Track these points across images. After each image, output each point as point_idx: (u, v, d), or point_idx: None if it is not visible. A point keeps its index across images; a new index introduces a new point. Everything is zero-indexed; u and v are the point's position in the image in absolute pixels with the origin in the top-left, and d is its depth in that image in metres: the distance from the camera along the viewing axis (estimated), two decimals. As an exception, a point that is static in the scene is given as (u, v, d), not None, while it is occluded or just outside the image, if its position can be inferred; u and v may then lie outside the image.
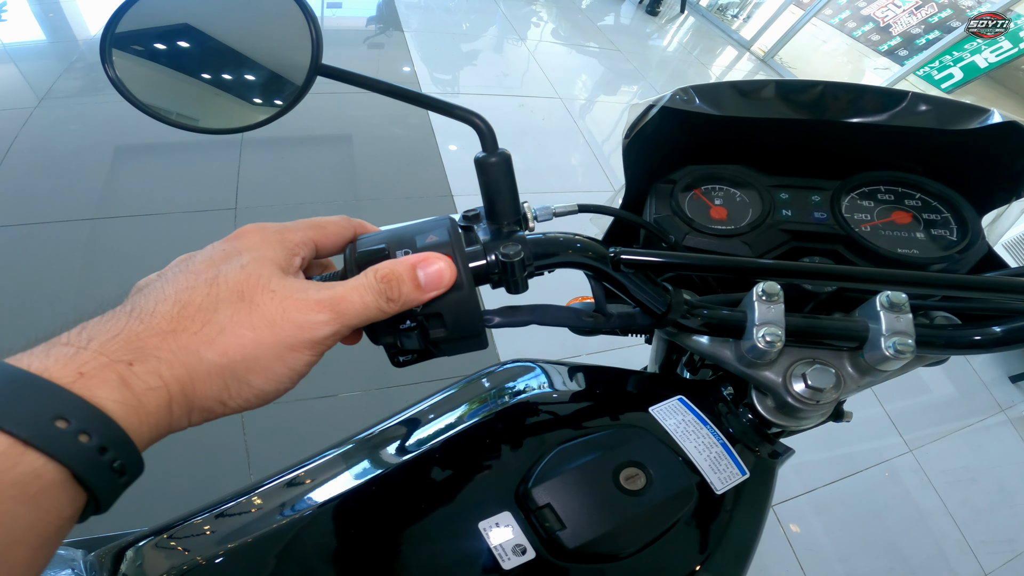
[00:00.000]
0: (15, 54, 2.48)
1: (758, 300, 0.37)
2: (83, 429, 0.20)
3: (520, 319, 0.36)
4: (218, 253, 0.27)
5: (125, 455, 0.22)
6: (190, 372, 0.24)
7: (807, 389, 0.39)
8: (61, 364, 0.21)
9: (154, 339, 0.23)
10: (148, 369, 0.23)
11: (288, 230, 0.29)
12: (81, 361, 0.22)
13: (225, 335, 0.24)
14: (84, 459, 0.20)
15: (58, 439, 0.20)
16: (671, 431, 0.40)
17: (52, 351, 0.22)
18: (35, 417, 0.20)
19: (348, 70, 0.32)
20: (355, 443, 0.43)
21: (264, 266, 0.27)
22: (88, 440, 0.20)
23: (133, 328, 0.23)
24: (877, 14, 4.14)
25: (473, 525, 0.35)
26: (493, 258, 0.32)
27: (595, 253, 0.35)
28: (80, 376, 0.21)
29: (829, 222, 0.48)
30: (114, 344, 0.23)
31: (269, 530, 0.36)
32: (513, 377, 0.48)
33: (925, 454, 1.70)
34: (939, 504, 1.60)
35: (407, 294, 0.28)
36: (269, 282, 0.26)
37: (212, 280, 0.26)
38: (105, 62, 0.32)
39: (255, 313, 0.25)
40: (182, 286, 0.25)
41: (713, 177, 0.52)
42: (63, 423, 0.20)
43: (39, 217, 1.72)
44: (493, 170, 0.34)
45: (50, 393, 0.20)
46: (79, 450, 0.20)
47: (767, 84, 0.48)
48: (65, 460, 0.20)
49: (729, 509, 0.39)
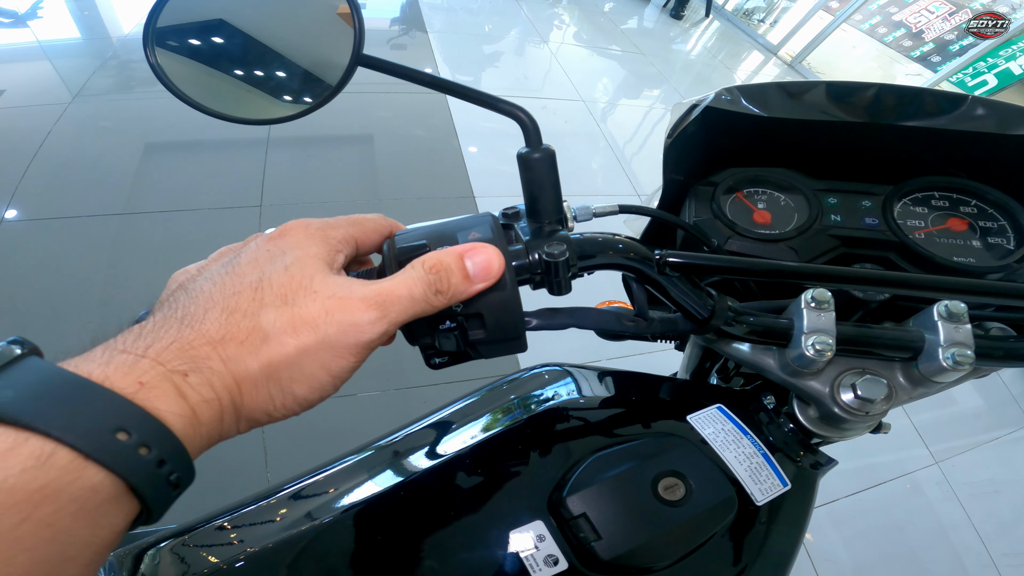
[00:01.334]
0: (50, 51, 2.55)
1: (807, 307, 0.36)
2: (144, 442, 0.20)
3: (559, 322, 0.35)
4: (263, 254, 0.26)
5: (181, 467, 0.21)
6: (238, 383, 0.24)
7: (856, 400, 0.37)
8: (121, 374, 0.21)
9: (205, 348, 0.23)
10: (202, 380, 0.22)
11: (331, 227, 0.29)
12: (140, 371, 0.21)
13: (269, 343, 0.24)
14: (144, 473, 0.20)
15: (120, 453, 0.19)
16: (710, 440, 0.39)
17: (113, 359, 0.21)
18: (98, 430, 0.19)
19: (390, 61, 0.31)
20: (380, 447, 0.42)
21: (307, 265, 0.26)
22: (148, 453, 0.20)
23: (185, 336, 0.23)
24: (909, 20, 4.06)
25: (504, 534, 0.34)
26: (536, 257, 0.30)
27: (639, 255, 0.34)
28: (140, 387, 0.21)
29: (881, 228, 0.47)
30: (169, 353, 0.22)
31: (292, 535, 0.35)
32: (542, 382, 0.46)
33: (951, 466, 1.67)
34: (963, 516, 1.57)
35: (456, 285, 0.27)
36: (312, 282, 0.25)
37: (257, 284, 0.25)
38: (147, 47, 0.32)
39: (297, 316, 0.24)
40: (229, 290, 0.25)
41: (757, 180, 0.50)
42: (124, 435, 0.19)
43: (70, 211, 1.76)
44: (537, 166, 0.33)
45: (113, 404, 0.20)
46: (139, 464, 0.20)
47: (817, 85, 0.46)
48: (126, 474, 0.19)
49: (769, 521, 0.37)
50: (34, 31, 2.68)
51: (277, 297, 0.25)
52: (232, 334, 0.24)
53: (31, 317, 1.47)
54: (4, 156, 1.89)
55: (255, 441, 1.32)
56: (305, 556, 0.34)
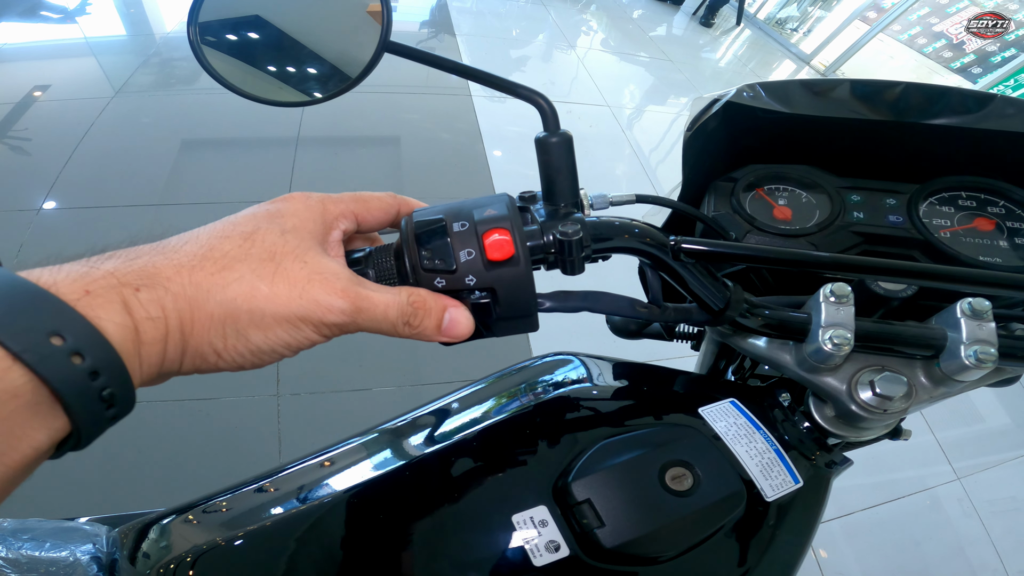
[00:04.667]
0: (96, 47, 2.66)
1: (825, 301, 0.35)
2: (77, 349, 0.19)
3: (572, 304, 0.35)
4: (262, 211, 0.27)
5: (117, 384, 0.20)
6: (192, 309, 0.23)
7: (875, 397, 0.36)
8: (70, 280, 0.20)
9: (169, 270, 0.23)
10: (152, 297, 0.22)
11: (330, 201, 0.29)
12: (90, 279, 0.21)
13: (241, 283, 0.24)
14: (73, 382, 0.19)
15: (50, 357, 0.18)
16: (721, 434, 0.38)
17: (66, 267, 0.21)
18: (30, 330, 0.18)
19: (415, 47, 0.32)
20: (386, 430, 0.42)
21: (303, 237, 0.26)
22: (81, 362, 0.19)
23: (155, 260, 0.23)
24: (950, 31, 3.95)
25: (506, 517, 0.34)
26: (550, 238, 0.31)
27: (654, 240, 0.33)
28: (85, 294, 0.20)
29: (906, 226, 0.46)
30: (127, 268, 0.22)
31: (293, 514, 0.35)
32: (553, 370, 0.46)
33: (973, 483, 1.62)
34: (982, 532, 1.52)
35: (426, 328, 0.29)
36: (305, 253, 0.26)
37: (249, 235, 0.25)
38: (190, 27, 0.34)
39: (279, 275, 0.25)
40: (218, 233, 0.25)
41: (778, 177, 0.50)
42: (58, 340, 0.19)
43: (108, 201, 1.83)
44: (554, 150, 0.33)
45: (50, 307, 0.19)
46: (69, 371, 0.19)
47: (842, 83, 0.46)
48: (51, 379, 0.18)
49: (779, 518, 0.37)
50: (82, 27, 2.80)
51: (265, 252, 0.25)
52: (203, 265, 0.24)
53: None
54: (48, 148, 1.98)
55: (271, 430, 1.34)
56: (307, 534, 0.34)
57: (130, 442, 1.25)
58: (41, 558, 0.34)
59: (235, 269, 0.24)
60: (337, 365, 1.47)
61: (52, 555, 0.34)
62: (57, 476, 1.19)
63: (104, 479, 1.20)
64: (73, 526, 0.39)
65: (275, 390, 1.40)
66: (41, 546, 0.34)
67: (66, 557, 0.34)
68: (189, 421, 1.32)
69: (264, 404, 1.38)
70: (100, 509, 0.19)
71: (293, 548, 0.34)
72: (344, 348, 1.49)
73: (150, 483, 1.20)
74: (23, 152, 1.99)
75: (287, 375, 1.43)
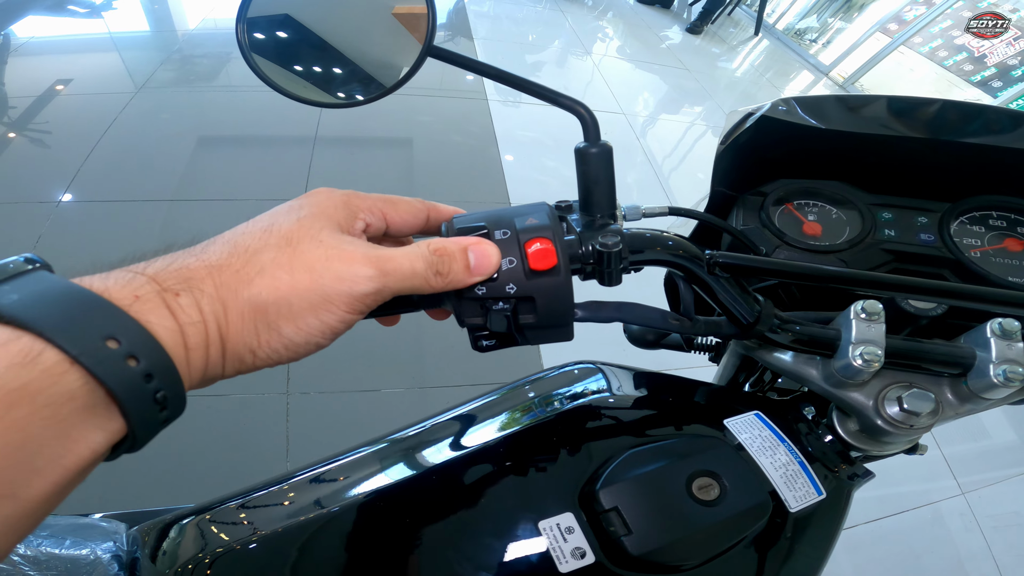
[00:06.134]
0: (120, 43, 2.70)
1: (856, 318, 0.36)
2: (132, 352, 0.20)
3: (606, 315, 0.35)
4: (283, 207, 0.28)
5: (169, 386, 0.21)
6: (226, 309, 0.23)
7: (902, 413, 0.37)
8: (120, 287, 0.21)
9: (201, 271, 0.24)
10: (191, 301, 0.23)
11: (356, 195, 0.29)
12: (137, 285, 0.22)
13: (263, 275, 0.24)
14: (129, 383, 0.19)
15: (106, 360, 0.19)
16: (746, 445, 0.39)
17: (113, 274, 0.22)
18: (86, 334, 0.19)
19: (458, 53, 0.33)
20: (407, 437, 0.42)
21: (319, 219, 0.26)
22: (135, 364, 0.20)
23: (187, 262, 0.24)
24: (972, 43, 3.91)
25: (532, 524, 0.34)
26: (589, 248, 0.31)
27: (690, 253, 0.34)
28: (136, 299, 0.21)
29: (937, 244, 0.46)
30: (167, 274, 0.23)
31: (315, 518, 0.35)
32: (574, 379, 0.47)
33: (977, 498, 1.62)
34: (984, 547, 1.52)
35: (456, 272, 0.28)
36: (320, 232, 0.26)
37: (267, 227, 0.26)
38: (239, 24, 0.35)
39: (296, 258, 0.25)
40: (241, 230, 0.26)
41: (809, 192, 0.50)
42: (114, 343, 0.19)
43: (127, 196, 1.85)
44: (594, 160, 0.33)
45: (105, 312, 0.20)
46: (125, 373, 0.19)
47: (878, 99, 0.46)
48: (108, 380, 0.19)
49: (801, 528, 0.37)
50: (107, 22, 2.85)
51: (282, 238, 0.25)
52: (230, 263, 0.24)
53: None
54: (69, 141, 2.01)
55: (279, 430, 1.35)
56: (328, 540, 0.34)
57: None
58: (61, 555, 0.34)
59: (256, 262, 0.24)
60: (347, 365, 1.47)
61: (72, 552, 0.34)
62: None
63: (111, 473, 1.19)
64: (90, 523, 0.39)
65: (285, 388, 1.41)
66: (61, 543, 0.34)
67: (86, 555, 0.34)
68: (198, 417, 1.33)
69: (274, 402, 1.38)
70: (108, 503, 0.19)
71: (314, 554, 0.34)
72: (354, 349, 1.50)
73: (157, 479, 1.21)
74: (43, 144, 2.02)
75: (297, 374, 1.43)
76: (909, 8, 4.09)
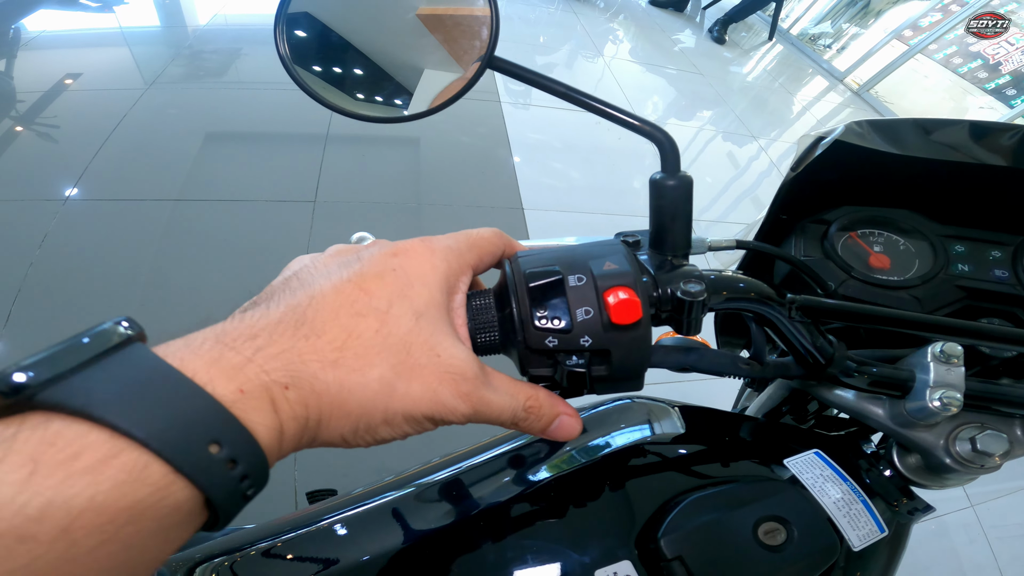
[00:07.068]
0: (131, 38, 2.68)
1: (935, 360, 0.34)
2: (233, 457, 0.19)
3: (675, 360, 0.33)
4: (390, 274, 0.25)
5: (258, 482, 0.20)
6: (332, 408, 0.22)
7: (973, 453, 0.36)
8: (226, 378, 0.20)
9: (314, 364, 0.22)
10: (299, 397, 0.21)
11: (453, 257, 0.27)
12: (244, 377, 0.20)
13: (380, 382, 0.23)
14: (225, 487, 0.19)
15: (209, 468, 0.18)
16: (808, 485, 0.38)
17: (221, 359, 0.20)
18: (193, 442, 0.18)
19: (524, 66, 0.30)
20: (441, 478, 0.40)
21: (436, 323, 0.25)
22: (233, 468, 0.19)
23: (299, 347, 0.22)
24: (987, 51, 3.89)
25: (588, 572, 0.32)
26: (668, 293, 0.28)
27: (767, 296, 0.31)
28: (240, 395, 0.20)
29: (1011, 281, 0.44)
30: (276, 362, 0.21)
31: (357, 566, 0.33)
32: (618, 417, 0.44)
33: (986, 510, 1.62)
34: (990, 558, 1.52)
35: (531, 428, 0.28)
36: (437, 344, 0.25)
37: (384, 314, 0.24)
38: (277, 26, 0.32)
39: (414, 372, 0.24)
40: (352, 309, 0.24)
41: (875, 221, 0.47)
42: (216, 448, 0.18)
43: (136, 195, 1.83)
44: (671, 194, 0.30)
45: (210, 413, 0.19)
46: (225, 479, 0.19)
47: (958, 124, 0.44)
48: (210, 490, 0.18)
49: (863, 567, 0.36)
50: (118, 17, 2.83)
51: (400, 342, 0.24)
52: (346, 360, 0.22)
53: (79, 294, 1.52)
54: (77, 138, 1.99)
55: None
56: None
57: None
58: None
59: (374, 365, 0.23)
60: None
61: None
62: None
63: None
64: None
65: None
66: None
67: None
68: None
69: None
70: None
71: None
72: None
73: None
74: (50, 140, 2.00)
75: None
76: (926, 15, 4.06)
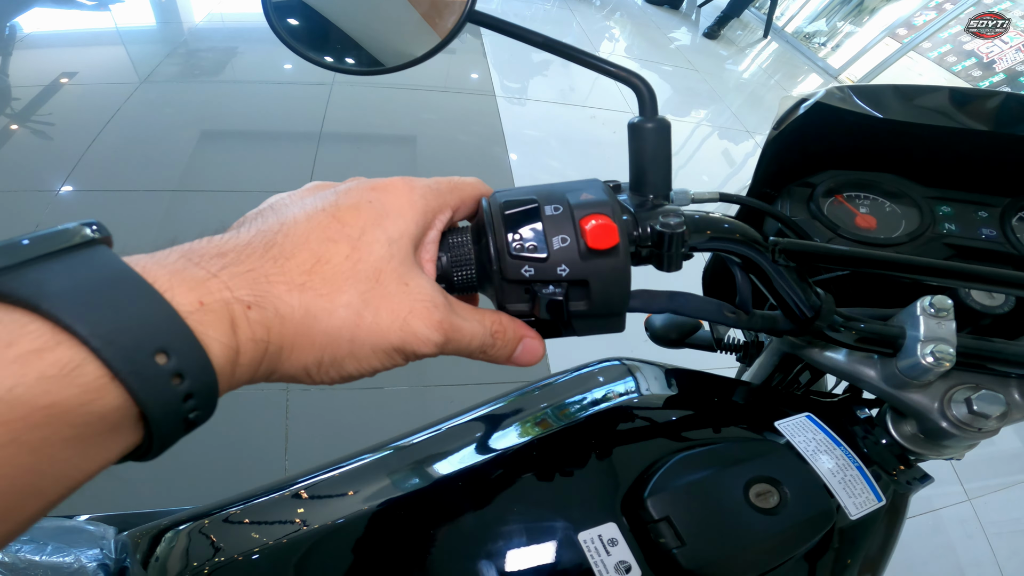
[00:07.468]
0: (126, 36, 2.68)
1: (924, 314, 0.33)
2: (179, 371, 0.17)
3: (659, 305, 0.32)
4: (366, 205, 0.24)
5: (204, 406, 0.19)
6: (296, 335, 0.21)
7: (970, 415, 0.35)
8: (187, 288, 0.18)
9: (281, 286, 0.21)
10: (262, 318, 0.20)
11: (432, 195, 0.26)
12: (205, 289, 0.19)
13: (348, 309, 0.22)
14: (166, 404, 0.17)
15: (152, 379, 0.16)
16: (800, 449, 0.37)
17: (184, 270, 0.19)
18: (139, 347, 0.16)
19: (502, 19, 0.30)
20: (423, 440, 0.39)
21: (407, 252, 0.25)
22: (179, 383, 0.17)
23: (264, 267, 0.21)
24: (981, 49, 3.90)
25: (570, 535, 0.31)
26: (647, 229, 0.28)
27: (751, 238, 0.31)
28: (199, 307, 0.18)
29: (999, 239, 0.44)
30: (241, 280, 0.20)
31: (328, 528, 0.32)
32: (604, 378, 0.44)
33: (983, 504, 1.62)
34: (988, 553, 1.51)
35: (497, 357, 0.28)
36: (407, 272, 0.24)
37: (356, 241, 0.23)
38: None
39: (384, 301, 0.23)
40: (323, 235, 0.23)
41: (860, 184, 0.47)
42: (163, 358, 0.17)
43: (127, 185, 1.82)
44: (650, 136, 0.31)
45: (163, 318, 0.17)
46: (166, 394, 0.17)
47: (938, 90, 0.44)
48: (148, 403, 0.16)
49: (862, 536, 0.35)
50: (114, 16, 2.83)
51: (371, 269, 0.23)
52: (314, 284, 0.22)
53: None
54: (71, 133, 1.99)
55: (278, 426, 1.31)
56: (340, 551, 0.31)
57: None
58: (42, 563, 0.31)
59: (343, 291, 0.22)
60: (350, 362, 1.44)
61: (54, 559, 0.31)
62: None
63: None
64: (76, 525, 0.35)
65: (285, 385, 1.37)
66: (42, 549, 0.31)
67: (70, 563, 0.31)
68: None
69: (273, 399, 1.35)
70: (94, 500, 0.17)
71: (324, 568, 0.31)
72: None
73: (147, 476, 1.17)
74: (45, 136, 2.00)
75: (299, 370, 1.40)
76: (919, 13, 4.07)
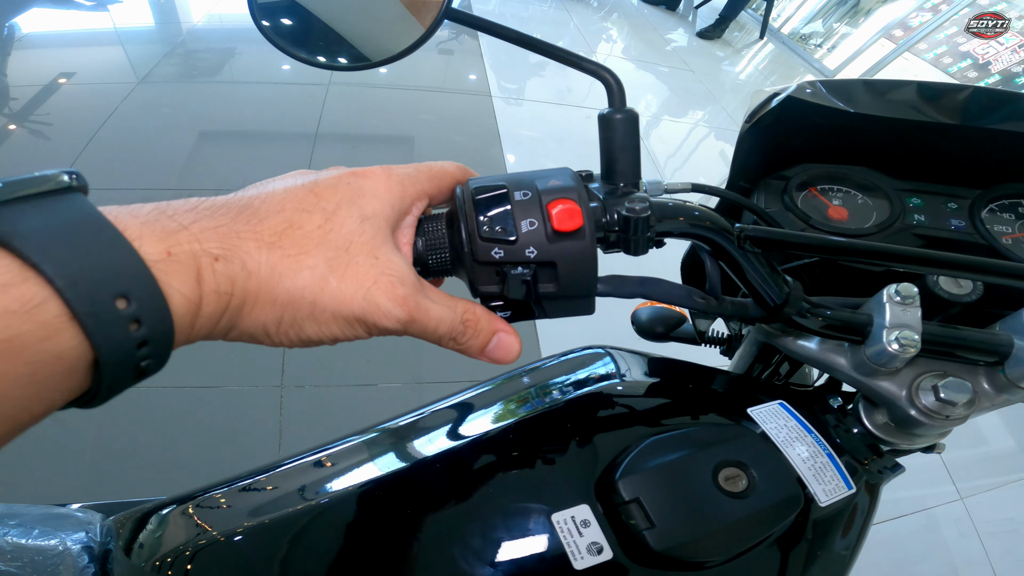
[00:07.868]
0: (124, 36, 2.69)
1: (890, 302, 0.34)
2: (137, 317, 0.17)
3: (628, 290, 0.33)
4: (344, 185, 0.25)
5: (158, 355, 0.19)
6: (259, 291, 0.22)
7: (937, 403, 0.35)
8: (156, 238, 0.19)
9: (251, 243, 0.22)
10: (228, 271, 0.21)
11: (409, 181, 0.27)
12: (175, 241, 0.20)
13: (313, 272, 0.23)
14: (120, 350, 0.17)
15: (109, 324, 0.17)
16: (772, 435, 0.37)
17: (156, 221, 0.20)
18: (100, 291, 0.17)
19: (477, 15, 0.32)
20: (405, 425, 0.40)
21: (380, 228, 0.25)
22: (135, 330, 0.17)
23: (235, 225, 0.22)
24: (977, 50, 3.91)
25: (544, 517, 0.32)
26: (614, 215, 0.29)
27: (719, 225, 0.31)
28: (167, 256, 0.19)
29: (968, 230, 0.45)
30: (212, 234, 0.21)
31: (303, 509, 0.33)
32: (584, 364, 0.44)
33: (975, 503, 1.62)
34: (981, 552, 1.51)
35: (470, 347, 0.28)
36: (378, 247, 0.25)
37: (330, 214, 0.24)
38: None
39: (349, 269, 0.24)
40: (298, 205, 0.24)
41: (832, 177, 0.48)
42: (123, 303, 0.17)
43: (123, 184, 1.83)
44: (618, 127, 0.32)
45: (128, 265, 0.18)
46: (122, 339, 0.17)
47: (907, 84, 0.45)
48: (103, 348, 0.17)
49: (831, 524, 0.36)
50: (112, 16, 2.84)
51: (342, 240, 0.24)
52: (283, 244, 0.22)
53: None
54: (68, 132, 1.99)
55: (271, 422, 1.32)
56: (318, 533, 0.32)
57: (125, 427, 1.23)
58: (28, 546, 0.31)
59: (311, 255, 0.23)
60: (343, 359, 1.45)
61: (40, 543, 0.32)
62: (46, 459, 1.17)
63: (96, 464, 1.17)
64: (64, 512, 0.36)
65: (279, 381, 1.38)
66: (28, 533, 0.32)
67: (55, 546, 0.32)
68: (188, 408, 1.30)
69: (267, 395, 1.35)
70: (91, 495, 0.17)
71: (305, 546, 0.31)
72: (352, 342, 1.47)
73: (143, 470, 1.18)
74: (43, 136, 2.01)
75: (292, 366, 1.41)
76: (915, 15, 4.09)
